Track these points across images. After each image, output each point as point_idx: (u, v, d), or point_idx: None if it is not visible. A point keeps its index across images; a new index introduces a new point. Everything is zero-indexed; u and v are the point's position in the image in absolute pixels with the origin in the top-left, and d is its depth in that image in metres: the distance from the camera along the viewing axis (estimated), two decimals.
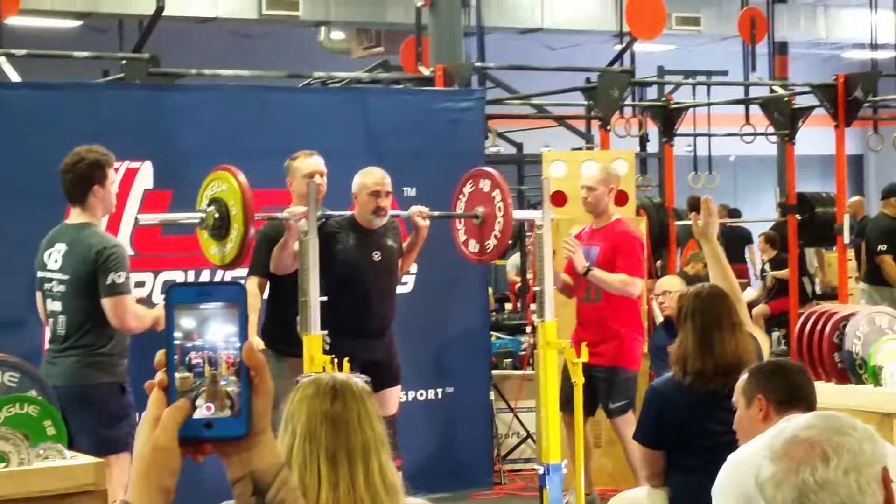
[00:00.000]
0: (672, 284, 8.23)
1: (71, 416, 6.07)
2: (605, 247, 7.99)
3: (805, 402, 4.41)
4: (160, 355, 1.68)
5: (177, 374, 1.67)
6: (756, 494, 4.09)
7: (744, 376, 4.56)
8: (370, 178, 7.36)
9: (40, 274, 6.50)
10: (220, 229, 6.65)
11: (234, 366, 1.68)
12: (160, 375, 1.68)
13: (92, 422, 6.14)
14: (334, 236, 7.24)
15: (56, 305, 6.36)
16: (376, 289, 7.30)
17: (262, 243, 7.16)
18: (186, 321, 1.68)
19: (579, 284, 8.03)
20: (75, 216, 6.42)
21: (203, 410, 1.67)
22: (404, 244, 7.57)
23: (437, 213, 7.58)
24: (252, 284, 7.15)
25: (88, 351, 6.24)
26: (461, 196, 7.62)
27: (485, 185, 7.47)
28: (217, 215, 6.64)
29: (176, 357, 1.67)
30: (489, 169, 7.69)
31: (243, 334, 1.69)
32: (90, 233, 6.30)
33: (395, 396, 7.50)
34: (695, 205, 15.92)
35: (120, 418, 6.15)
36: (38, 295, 6.56)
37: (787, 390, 4.43)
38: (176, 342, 1.68)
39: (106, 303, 6.17)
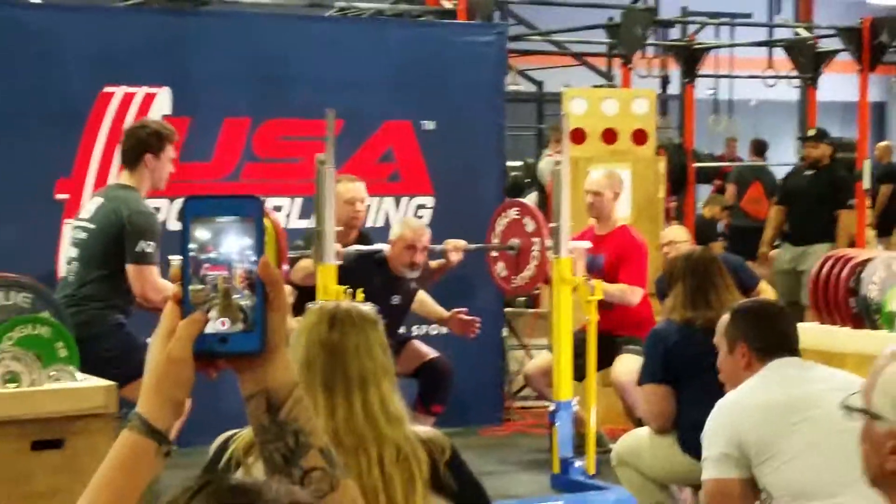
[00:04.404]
0: (677, 234, 8.20)
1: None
2: (611, 254, 7.96)
3: (788, 349, 4.31)
4: (175, 268, 1.66)
5: (190, 287, 1.65)
6: (746, 437, 4.08)
7: (726, 318, 4.47)
8: (408, 229, 7.35)
9: (73, 223, 6.48)
10: None
11: (249, 280, 1.65)
12: (174, 288, 1.65)
13: (96, 370, 6.06)
14: (362, 275, 7.08)
15: (73, 252, 6.32)
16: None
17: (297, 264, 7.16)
18: (201, 233, 1.65)
19: None
20: (122, 178, 6.39)
21: (216, 324, 1.64)
22: (432, 265, 7.56)
23: (472, 247, 7.56)
24: None
25: (86, 305, 6.16)
26: (504, 215, 7.56)
27: (528, 224, 7.41)
28: None
29: (190, 269, 1.65)
30: (535, 209, 7.60)
31: (259, 248, 1.66)
32: (129, 195, 6.24)
33: (420, 344, 7.60)
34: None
35: (122, 356, 6.07)
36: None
37: (771, 339, 4.32)
38: (191, 254, 1.65)
39: (131, 269, 6.11)
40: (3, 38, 7.71)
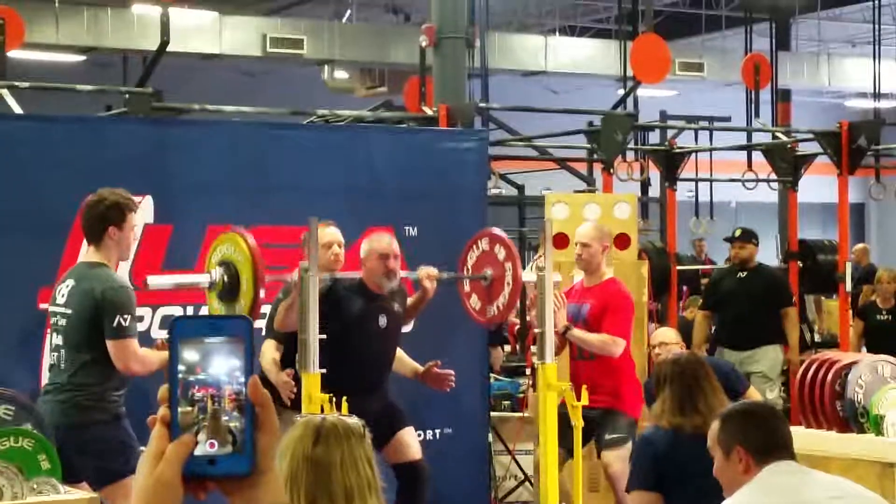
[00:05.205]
0: (668, 336, 8.19)
1: (69, 453, 6.03)
2: (596, 304, 7.95)
3: (786, 448, 4.27)
4: (163, 390, 1.64)
5: (179, 409, 1.63)
6: None
7: (716, 424, 4.42)
8: (378, 242, 7.34)
9: (50, 308, 6.49)
10: (229, 293, 6.58)
11: (238, 401, 1.64)
12: (163, 410, 1.64)
13: (91, 457, 6.09)
14: (341, 301, 7.16)
15: (58, 339, 6.34)
16: (377, 355, 7.26)
17: (278, 308, 7.14)
18: (190, 354, 1.64)
19: (564, 343, 7.95)
20: (89, 255, 6.41)
21: (205, 446, 1.63)
22: (409, 300, 7.55)
23: (445, 275, 7.55)
24: (268, 346, 7.12)
25: (83, 390, 6.18)
26: (474, 248, 7.57)
27: (499, 252, 7.42)
28: (227, 279, 6.58)
29: (178, 391, 1.64)
30: (505, 237, 7.63)
31: (248, 369, 1.65)
32: (99, 272, 6.27)
33: (412, 438, 7.44)
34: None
35: (118, 448, 6.10)
36: (48, 329, 6.57)
37: (766, 438, 4.27)
38: (179, 376, 1.64)
39: (110, 345, 6.13)
40: None
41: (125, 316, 6.14)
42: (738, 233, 11.14)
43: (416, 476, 7.35)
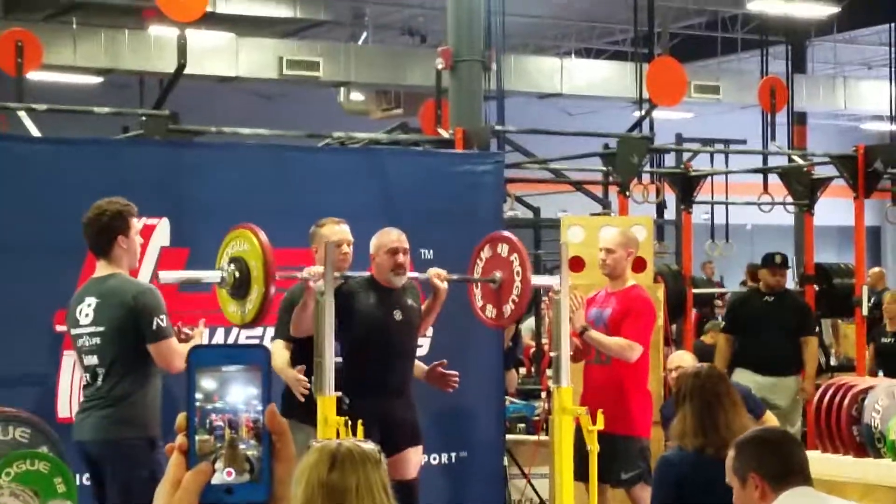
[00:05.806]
0: (685, 360, 8.16)
1: (104, 469, 6.04)
2: (617, 309, 7.95)
3: (801, 473, 4.25)
4: (181, 418, 1.65)
5: (197, 437, 1.63)
6: None
7: (731, 453, 4.40)
8: (387, 237, 7.38)
9: (73, 331, 6.46)
10: (240, 289, 6.59)
11: (255, 429, 1.64)
12: (180, 439, 1.64)
13: (122, 476, 6.08)
14: (355, 295, 7.22)
15: (92, 359, 6.31)
16: (398, 348, 7.28)
17: (288, 306, 7.14)
18: (207, 383, 1.65)
19: (588, 346, 7.95)
20: (101, 269, 6.41)
21: (223, 475, 1.63)
22: (422, 306, 7.55)
23: (455, 277, 7.55)
24: (278, 346, 7.13)
25: (123, 404, 6.18)
26: (478, 260, 7.60)
27: (503, 249, 7.45)
28: (238, 275, 6.58)
29: (196, 419, 1.64)
30: (508, 234, 7.66)
31: (265, 397, 1.65)
32: (120, 281, 6.29)
33: (417, 458, 7.43)
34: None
35: (147, 478, 6.08)
36: (74, 353, 6.55)
37: (781, 464, 4.25)
38: (196, 404, 1.64)
39: (153, 348, 6.14)
40: (2, 171, 7.75)
41: (161, 316, 6.19)
42: (778, 259, 11.14)
43: (409, 494, 7.34)
